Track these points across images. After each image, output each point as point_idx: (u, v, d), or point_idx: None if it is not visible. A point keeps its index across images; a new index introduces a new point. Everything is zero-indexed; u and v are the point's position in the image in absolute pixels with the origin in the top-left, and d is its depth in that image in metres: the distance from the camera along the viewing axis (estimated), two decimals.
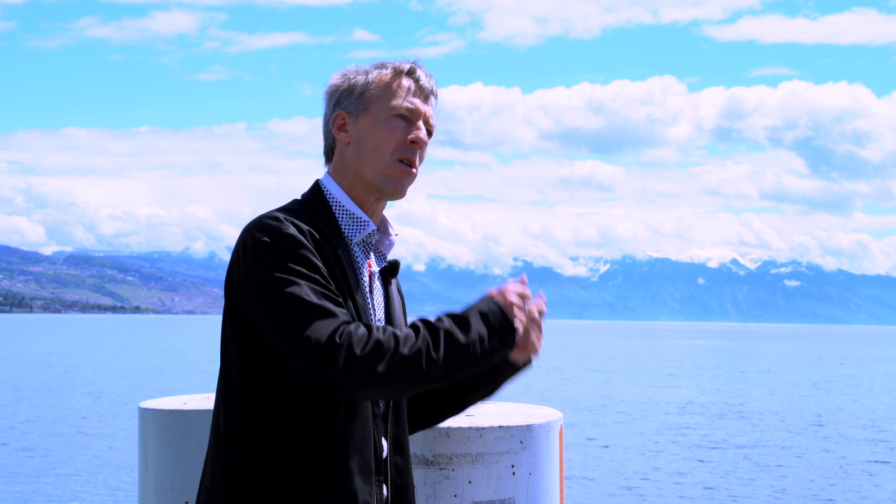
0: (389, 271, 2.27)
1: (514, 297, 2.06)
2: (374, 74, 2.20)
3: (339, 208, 2.18)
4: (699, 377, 43.34)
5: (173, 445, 2.68)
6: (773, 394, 34.00)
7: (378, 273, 2.25)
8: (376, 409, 2.14)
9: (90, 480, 14.67)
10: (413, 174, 2.20)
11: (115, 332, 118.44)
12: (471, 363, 1.99)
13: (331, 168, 2.25)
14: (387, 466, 2.17)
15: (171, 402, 2.83)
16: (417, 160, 2.20)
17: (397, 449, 2.21)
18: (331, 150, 2.26)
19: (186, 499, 2.63)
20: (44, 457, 16.94)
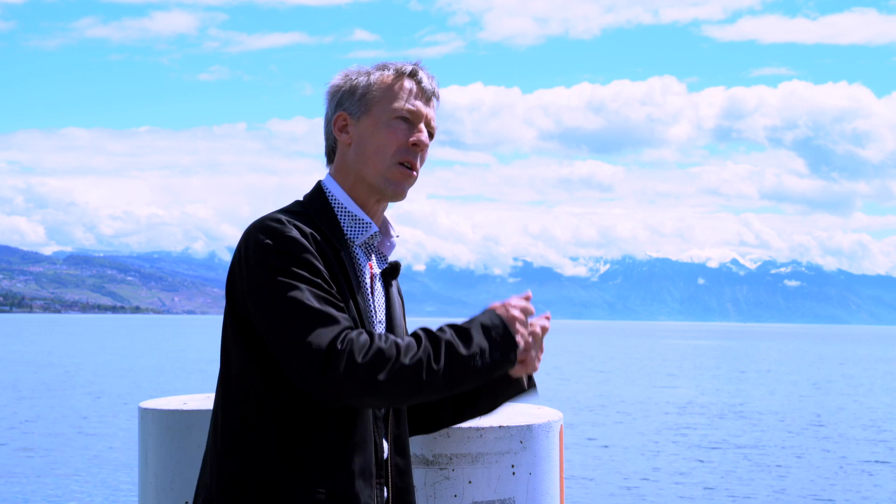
0: (390, 273, 2.27)
1: (516, 312, 2.06)
2: (376, 76, 2.20)
3: (342, 210, 2.18)
4: (699, 377, 43.31)
5: (173, 445, 2.68)
6: (773, 394, 33.98)
7: (379, 275, 2.25)
8: (377, 410, 2.14)
9: (90, 480, 14.67)
10: (414, 177, 2.20)
11: (115, 332, 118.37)
12: (471, 376, 1.99)
13: (332, 169, 2.25)
14: (388, 468, 2.17)
15: (171, 402, 2.83)
16: (418, 162, 2.20)
17: (398, 450, 2.21)
18: (332, 150, 2.26)
19: (186, 499, 2.63)
20: (44, 457, 16.92)
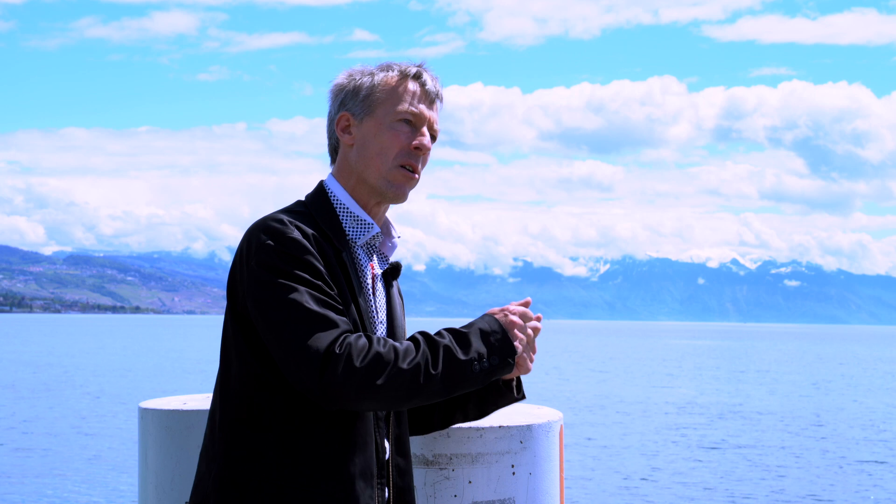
0: (391, 273, 2.28)
1: (515, 318, 2.07)
2: (380, 77, 2.20)
3: (343, 210, 2.18)
4: (699, 377, 43.31)
5: (173, 445, 2.68)
6: (772, 394, 33.98)
7: (380, 275, 2.25)
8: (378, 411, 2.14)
9: (90, 480, 14.67)
10: (415, 179, 2.20)
11: (115, 332, 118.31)
12: (469, 381, 2.00)
13: (334, 169, 2.25)
14: (388, 468, 2.17)
15: (171, 402, 2.84)
16: (420, 165, 2.20)
17: (399, 450, 2.21)
18: (335, 149, 2.26)
19: (186, 499, 2.63)
20: (43, 457, 16.93)
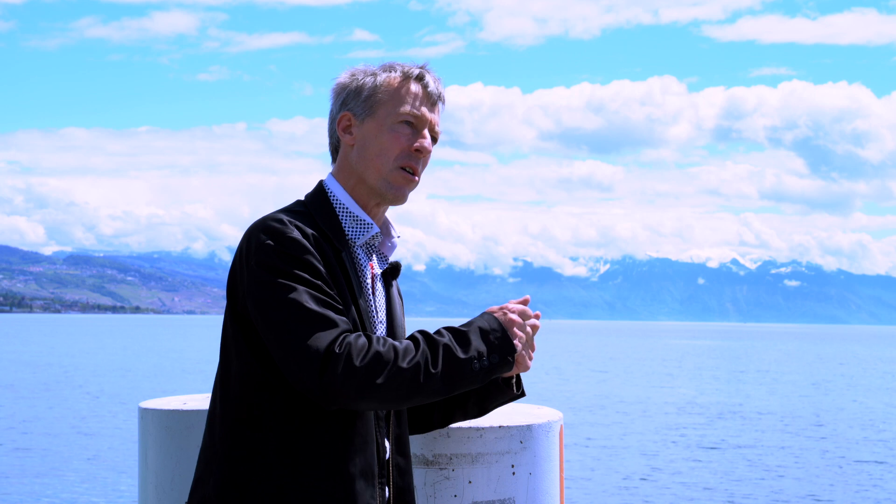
0: (391, 273, 2.28)
1: (514, 316, 2.07)
2: (383, 77, 2.19)
3: (343, 210, 2.18)
4: (698, 377, 43.32)
5: (173, 445, 2.68)
6: (772, 394, 33.99)
7: (380, 275, 2.25)
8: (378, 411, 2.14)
9: (89, 480, 14.67)
10: (415, 181, 2.20)
11: (115, 332, 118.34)
12: (469, 379, 2.01)
13: (335, 169, 2.25)
14: (389, 468, 2.18)
15: (171, 402, 2.84)
16: (420, 167, 2.20)
17: (399, 450, 2.21)
18: (336, 148, 2.26)
19: (186, 499, 2.63)
20: (43, 457, 16.93)
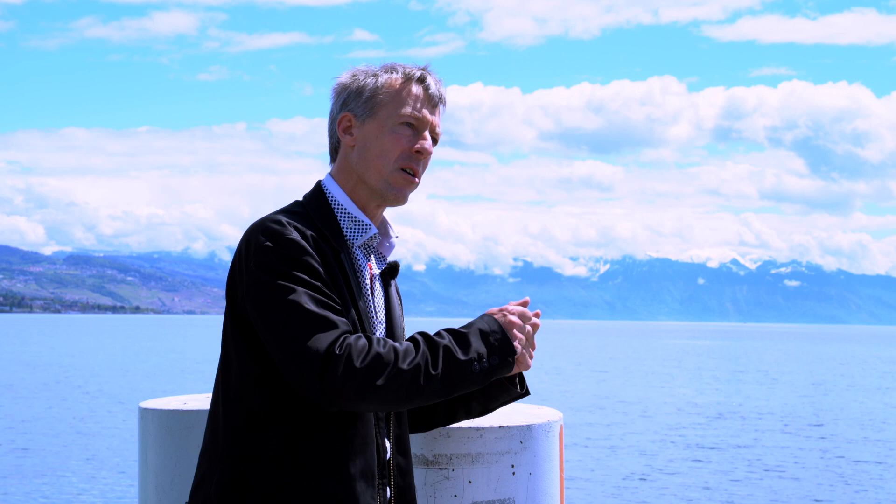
0: (389, 273, 2.28)
1: (514, 318, 2.08)
2: (384, 78, 2.19)
3: (341, 211, 2.18)
4: (698, 377, 43.32)
5: (173, 445, 2.68)
6: (771, 394, 34.00)
7: (378, 275, 2.25)
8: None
9: (89, 480, 14.67)
10: (416, 183, 2.20)
11: (115, 332, 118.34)
12: (469, 381, 2.01)
13: (334, 169, 2.24)
14: (390, 468, 2.18)
15: (171, 402, 2.84)
16: (421, 169, 2.21)
17: (400, 450, 2.21)
18: (335, 148, 2.26)
19: (186, 499, 2.63)
20: (43, 457, 16.93)
